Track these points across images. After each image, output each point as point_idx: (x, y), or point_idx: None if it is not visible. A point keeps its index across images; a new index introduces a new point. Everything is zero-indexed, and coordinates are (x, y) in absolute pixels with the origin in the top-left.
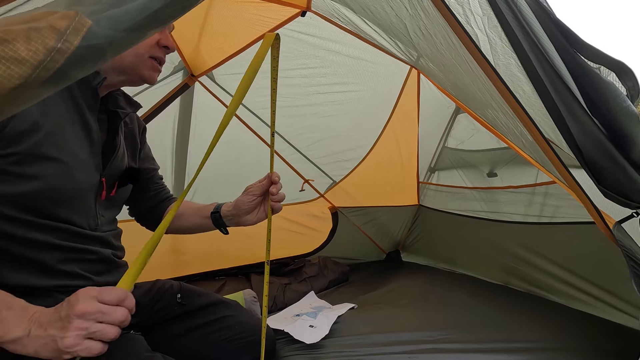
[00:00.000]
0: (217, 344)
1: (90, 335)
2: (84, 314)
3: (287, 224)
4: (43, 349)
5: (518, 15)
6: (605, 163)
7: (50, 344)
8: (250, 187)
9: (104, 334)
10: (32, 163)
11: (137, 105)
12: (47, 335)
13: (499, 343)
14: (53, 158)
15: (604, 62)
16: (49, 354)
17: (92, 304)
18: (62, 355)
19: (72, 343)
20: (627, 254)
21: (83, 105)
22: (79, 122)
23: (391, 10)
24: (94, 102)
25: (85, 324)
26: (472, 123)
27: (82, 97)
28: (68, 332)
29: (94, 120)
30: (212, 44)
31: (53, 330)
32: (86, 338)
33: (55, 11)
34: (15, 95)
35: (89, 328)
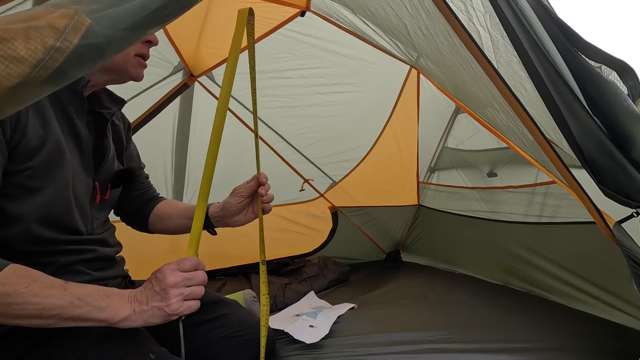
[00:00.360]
0: (216, 341)
1: (185, 298)
2: (175, 284)
3: (287, 223)
4: (152, 318)
5: (519, 13)
6: (605, 162)
7: (157, 313)
8: (237, 189)
9: (195, 293)
10: (43, 176)
11: (121, 102)
12: (151, 308)
13: (499, 343)
14: (58, 169)
15: (605, 61)
16: (158, 320)
17: (178, 274)
18: (170, 319)
19: (176, 307)
20: (627, 253)
21: (71, 111)
22: (68, 130)
23: (391, 10)
24: (80, 107)
25: (180, 291)
26: (472, 123)
27: (69, 102)
28: (170, 300)
29: (82, 126)
30: (212, 44)
31: (155, 302)
32: (184, 300)
33: (54, 10)
34: (14, 94)
35: (183, 292)
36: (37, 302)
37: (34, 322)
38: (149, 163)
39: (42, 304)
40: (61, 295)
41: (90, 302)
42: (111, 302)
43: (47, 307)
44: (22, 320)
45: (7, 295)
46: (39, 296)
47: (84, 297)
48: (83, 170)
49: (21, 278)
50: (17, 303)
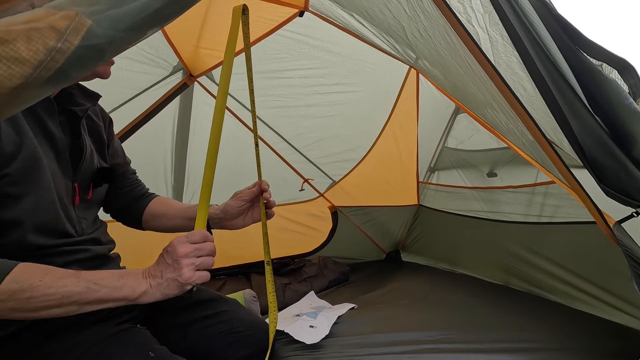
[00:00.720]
0: (215, 337)
1: (197, 268)
2: (186, 254)
3: (287, 223)
4: (168, 289)
5: (519, 12)
6: (607, 161)
7: (172, 284)
8: (239, 193)
9: (205, 263)
10: (23, 182)
11: (95, 97)
12: (166, 279)
13: (499, 343)
14: (38, 174)
15: (606, 59)
16: (174, 291)
17: (188, 245)
18: (184, 288)
19: (189, 275)
20: (627, 253)
21: (41, 113)
22: (41, 132)
23: (389, 12)
24: (49, 106)
25: (191, 260)
26: (472, 123)
27: (38, 103)
28: (182, 270)
29: (55, 126)
30: (211, 45)
31: (169, 274)
32: (195, 270)
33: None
34: (16, 94)
35: (194, 262)
36: (53, 292)
37: (56, 311)
38: (148, 163)
39: (60, 293)
40: (76, 283)
41: (105, 285)
42: (126, 281)
43: (65, 295)
44: (45, 312)
45: (23, 291)
46: (54, 287)
47: (99, 281)
48: (61, 172)
49: (33, 273)
50: (36, 297)
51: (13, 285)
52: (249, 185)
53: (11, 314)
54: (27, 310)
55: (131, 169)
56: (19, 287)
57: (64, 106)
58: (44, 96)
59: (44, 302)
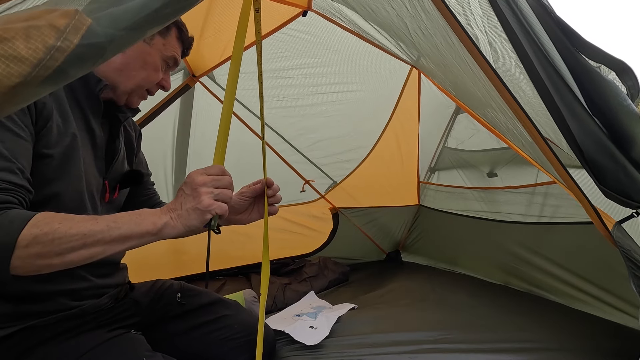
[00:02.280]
0: (216, 342)
1: (216, 198)
2: (204, 182)
3: (288, 224)
4: (189, 219)
5: (518, 14)
6: (605, 162)
7: (192, 213)
8: (242, 189)
9: (224, 194)
10: (58, 167)
11: (135, 110)
12: (186, 210)
13: (499, 343)
14: (73, 162)
15: (604, 60)
16: (195, 221)
17: (206, 176)
18: (205, 216)
19: (208, 202)
20: (625, 254)
21: (87, 110)
22: (84, 127)
23: (392, 9)
24: (97, 107)
25: (209, 189)
26: (472, 123)
27: (87, 103)
28: (201, 197)
29: (97, 125)
30: (213, 44)
31: (188, 204)
32: (214, 200)
33: (54, 9)
34: (14, 93)
35: (213, 191)
36: (75, 232)
37: (83, 253)
38: (149, 163)
39: (81, 233)
40: (95, 223)
41: (125, 222)
42: (144, 217)
43: (87, 234)
44: (71, 255)
45: (45, 234)
46: (74, 227)
47: (117, 219)
48: (95, 167)
49: (52, 218)
50: (58, 237)
51: (34, 229)
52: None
53: (37, 261)
54: (53, 255)
55: (151, 180)
56: (40, 230)
57: (108, 110)
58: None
59: (68, 244)
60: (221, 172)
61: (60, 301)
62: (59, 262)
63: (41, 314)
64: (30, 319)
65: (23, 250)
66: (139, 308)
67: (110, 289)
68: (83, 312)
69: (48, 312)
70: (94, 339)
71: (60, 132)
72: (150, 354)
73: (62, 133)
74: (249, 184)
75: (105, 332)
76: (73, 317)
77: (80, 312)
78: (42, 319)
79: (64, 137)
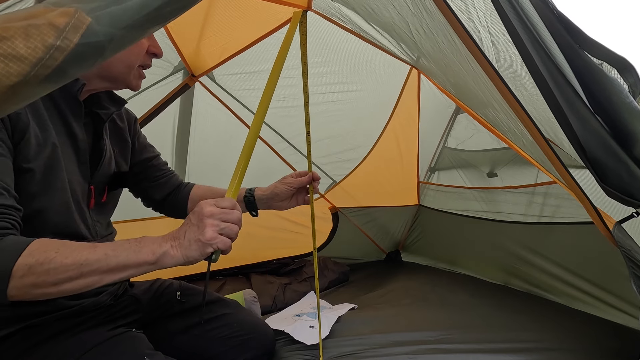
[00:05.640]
0: (216, 341)
1: (221, 232)
2: (212, 214)
3: (288, 224)
4: (189, 250)
5: (519, 11)
6: (608, 161)
7: (193, 244)
8: (288, 179)
9: (230, 229)
10: (40, 180)
11: (121, 102)
12: (188, 239)
13: (499, 343)
14: (55, 174)
15: (607, 57)
16: (195, 252)
17: (215, 208)
18: (205, 250)
19: (211, 235)
20: (626, 254)
21: (67, 113)
22: (65, 132)
23: (393, 8)
24: (77, 110)
25: (216, 222)
26: (472, 123)
27: (65, 104)
28: (205, 229)
29: (79, 128)
30: (213, 44)
31: (192, 234)
32: (219, 234)
33: (54, 8)
34: (14, 92)
35: (219, 224)
36: (71, 262)
37: (79, 283)
38: None
39: (78, 263)
40: (93, 251)
41: (123, 250)
42: (145, 245)
43: (84, 264)
44: (67, 285)
45: (40, 264)
46: (71, 257)
47: (116, 248)
48: (79, 174)
49: (48, 247)
50: (54, 268)
51: (29, 259)
52: (296, 172)
53: (33, 291)
54: (48, 285)
55: (162, 160)
56: (36, 260)
57: (89, 109)
58: (43, 94)
59: (64, 274)
60: (232, 206)
61: (59, 301)
62: (55, 291)
63: (41, 314)
64: (30, 318)
65: (18, 280)
66: (139, 305)
67: (108, 286)
68: (83, 309)
69: (48, 312)
70: (95, 337)
71: (39, 144)
72: (151, 352)
73: (40, 144)
74: (293, 175)
75: (107, 330)
76: (73, 315)
77: (80, 309)
78: (42, 317)
79: (44, 148)
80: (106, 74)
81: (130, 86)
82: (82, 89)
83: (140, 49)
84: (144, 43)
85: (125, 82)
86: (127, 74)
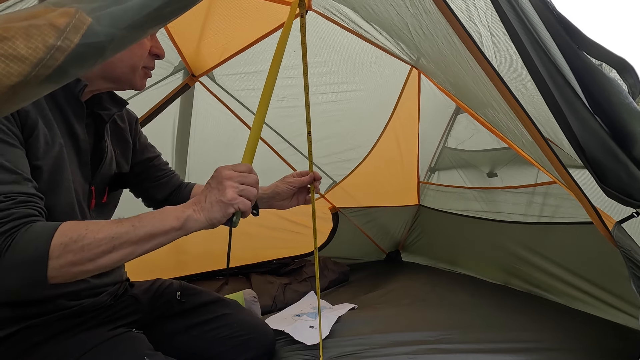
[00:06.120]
0: (216, 341)
1: (240, 193)
2: (230, 177)
3: (288, 224)
4: (211, 212)
5: (519, 11)
6: (607, 161)
7: (215, 206)
8: (289, 179)
9: (248, 191)
10: (48, 179)
11: (122, 103)
12: (210, 202)
13: (500, 343)
14: (61, 173)
15: (606, 58)
16: (218, 214)
17: (233, 172)
18: (227, 210)
19: (232, 196)
20: (626, 255)
21: (69, 114)
22: (67, 133)
23: (392, 8)
24: (79, 110)
25: (235, 184)
26: (472, 123)
27: (67, 105)
28: (226, 190)
29: (81, 129)
30: (213, 44)
31: (213, 197)
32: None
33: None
34: (14, 92)
35: (238, 186)
36: (102, 237)
37: (115, 256)
38: None
39: (109, 236)
40: (120, 225)
41: (149, 220)
42: (168, 213)
43: (115, 237)
44: (104, 259)
45: (74, 241)
46: (101, 232)
47: (142, 219)
48: (80, 174)
49: (78, 226)
50: (88, 243)
51: (63, 238)
52: (297, 172)
53: (72, 269)
54: (86, 261)
55: (163, 160)
56: (69, 238)
57: (91, 109)
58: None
59: (98, 248)
60: (248, 170)
61: (58, 302)
62: (93, 268)
63: (40, 315)
64: (30, 319)
65: (56, 261)
66: (139, 305)
67: (108, 287)
68: (82, 310)
69: (47, 312)
70: (95, 337)
71: (47, 142)
72: (151, 352)
73: (49, 143)
74: (295, 174)
75: (107, 330)
76: (73, 316)
77: (80, 310)
78: (42, 318)
79: (52, 147)
80: (110, 75)
81: (135, 86)
82: (84, 89)
83: (143, 50)
84: (147, 44)
85: (129, 82)
86: (131, 75)
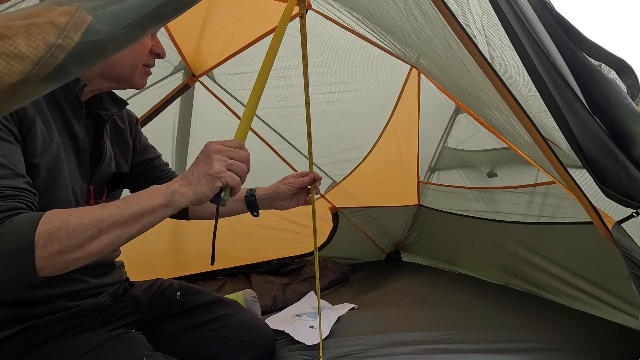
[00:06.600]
0: (216, 341)
1: (229, 167)
2: (219, 150)
3: (288, 224)
4: (198, 185)
5: (518, 12)
6: (606, 162)
7: (202, 179)
8: (289, 180)
9: (238, 166)
10: (45, 178)
11: (122, 103)
12: (197, 175)
13: (500, 343)
14: (59, 172)
15: (605, 59)
16: (204, 187)
17: (222, 146)
18: (215, 183)
19: (219, 168)
20: (626, 254)
21: (69, 113)
22: (66, 132)
23: (388, 14)
24: (79, 110)
25: (223, 157)
26: (472, 123)
27: (67, 105)
28: (213, 163)
29: (80, 128)
30: (213, 43)
31: (200, 170)
32: (227, 169)
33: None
34: (15, 91)
35: (227, 160)
36: (87, 221)
37: (103, 241)
38: None
39: (94, 220)
40: (105, 208)
41: (134, 200)
42: (153, 191)
43: (100, 220)
44: (93, 245)
45: (58, 228)
46: (86, 216)
47: (126, 200)
48: (79, 174)
49: (61, 213)
50: (73, 229)
51: (47, 227)
52: (297, 173)
53: (61, 258)
54: (74, 248)
55: (163, 161)
56: (53, 226)
57: (91, 109)
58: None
59: (84, 233)
60: (239, 146)
61: (58, 303)
62: (84, 255)
63: (40, 315)
64: (30, 320)
65: (42, 250)
66: (138, 306)
67: (107, 287)
68: (82, 310)
69: (47, 313)
70: (95, 338)
71: (45, 140)
72: (150, 353)
73: (46, 141)
74: (295, 175)
75: (106, 331)
76: (73, 317)
77: (80, 311)
78: (42, 319)
79: (50, 146)
80: (110, 74)
81: (135, 85)
82: (83, 89)
83: (143, 48)
84: (147, 43)
85: (129, 81)
86: (132, 74)
